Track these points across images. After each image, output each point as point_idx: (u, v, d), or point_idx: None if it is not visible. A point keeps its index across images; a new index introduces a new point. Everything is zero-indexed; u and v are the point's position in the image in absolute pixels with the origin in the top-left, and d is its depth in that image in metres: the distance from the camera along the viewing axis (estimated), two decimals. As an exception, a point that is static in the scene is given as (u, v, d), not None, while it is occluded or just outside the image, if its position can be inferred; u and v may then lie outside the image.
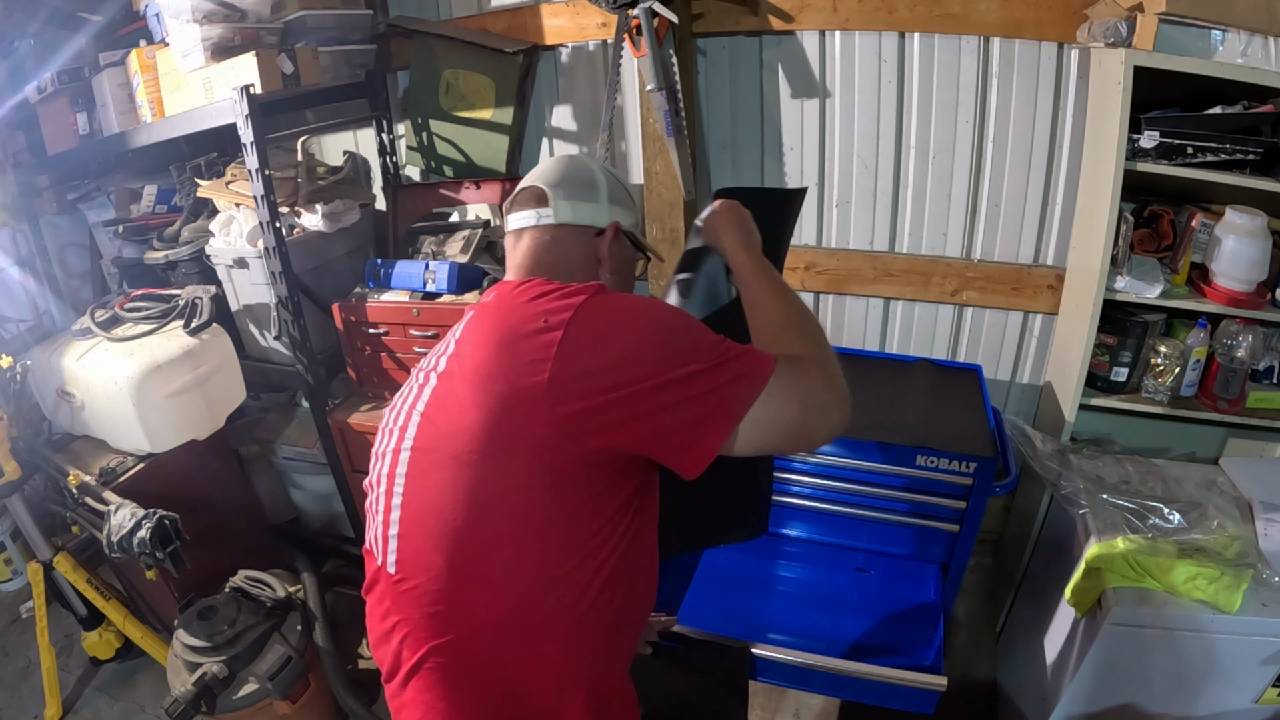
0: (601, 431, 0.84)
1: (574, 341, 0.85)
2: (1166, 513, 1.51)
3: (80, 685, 2.25)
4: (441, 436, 0.92)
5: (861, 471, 1.69)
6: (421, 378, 1.01)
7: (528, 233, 1.05)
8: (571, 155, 1.17)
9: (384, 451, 1.01)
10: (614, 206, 1.08)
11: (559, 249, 1.04)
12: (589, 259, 1.06)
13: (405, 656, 0.95)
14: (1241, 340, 1.72)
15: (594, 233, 1.06)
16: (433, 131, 2.50)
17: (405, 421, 0.99)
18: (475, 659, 0.92)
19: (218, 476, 2.26)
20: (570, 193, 1.05)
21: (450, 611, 0.91)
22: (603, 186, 1.08)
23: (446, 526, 0.90)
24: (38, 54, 2.25)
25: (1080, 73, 1.87)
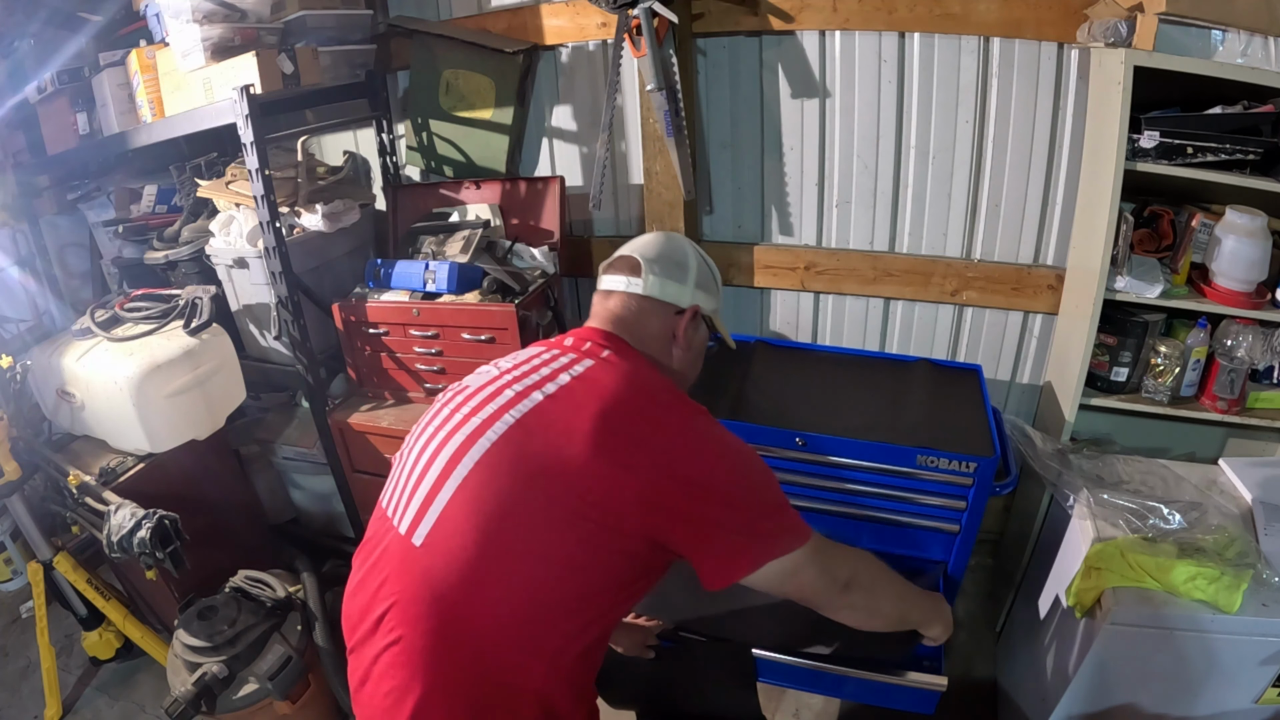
0: (668, 528, 0.97)
1: (681, 454, 0.98)
2: (1166, 513, 1.51)
3: (80, 685, 2.25)
4: (534, 454, 0.97)
5: (861, 471, 1.69)
6: (520, 388, 1.04)
7: (616, 296, 1.17)
8: (671, 235, 1.25)
9: (454, 428, 1.03)
10: (698, 290, 1.19)
11: (641, 318, 1.15)
12: (665, 333, 1.17)
13: (388, 626, 0.97)
14: (1241, 340, 1.72)
15: (674, 310, 1.17)
16: (433, 131, 2.50)
17: (494, 416, 1.01)
18: (465, 653, 0.94)
19: (218, 476, 2.26)
20: (662, 270, 1.16)
21: (457, 603, 0.94)
22: (692, 270, 1.19)
23: (493, 531, 0.94)
24: (38, 54, 2.25)
25: (1080, 73, 1.87)
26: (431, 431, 1.07)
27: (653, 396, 1.04)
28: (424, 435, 1.09)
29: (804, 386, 1.99)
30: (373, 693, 0.98)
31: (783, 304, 2.42)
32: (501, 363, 1.13)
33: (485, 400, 1.04)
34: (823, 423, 1.73)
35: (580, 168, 2.45)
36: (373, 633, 0.99)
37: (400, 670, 0.95)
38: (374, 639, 0.98)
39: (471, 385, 1.10)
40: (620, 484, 0.95)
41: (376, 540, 1.06)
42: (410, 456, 1.09)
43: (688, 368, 1.20)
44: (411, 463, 1.07)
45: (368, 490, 2.30)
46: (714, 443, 1.02)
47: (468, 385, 1.12)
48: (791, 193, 2.26)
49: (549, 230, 2.31)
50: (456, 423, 1.04)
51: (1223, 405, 1.78)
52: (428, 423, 1.11)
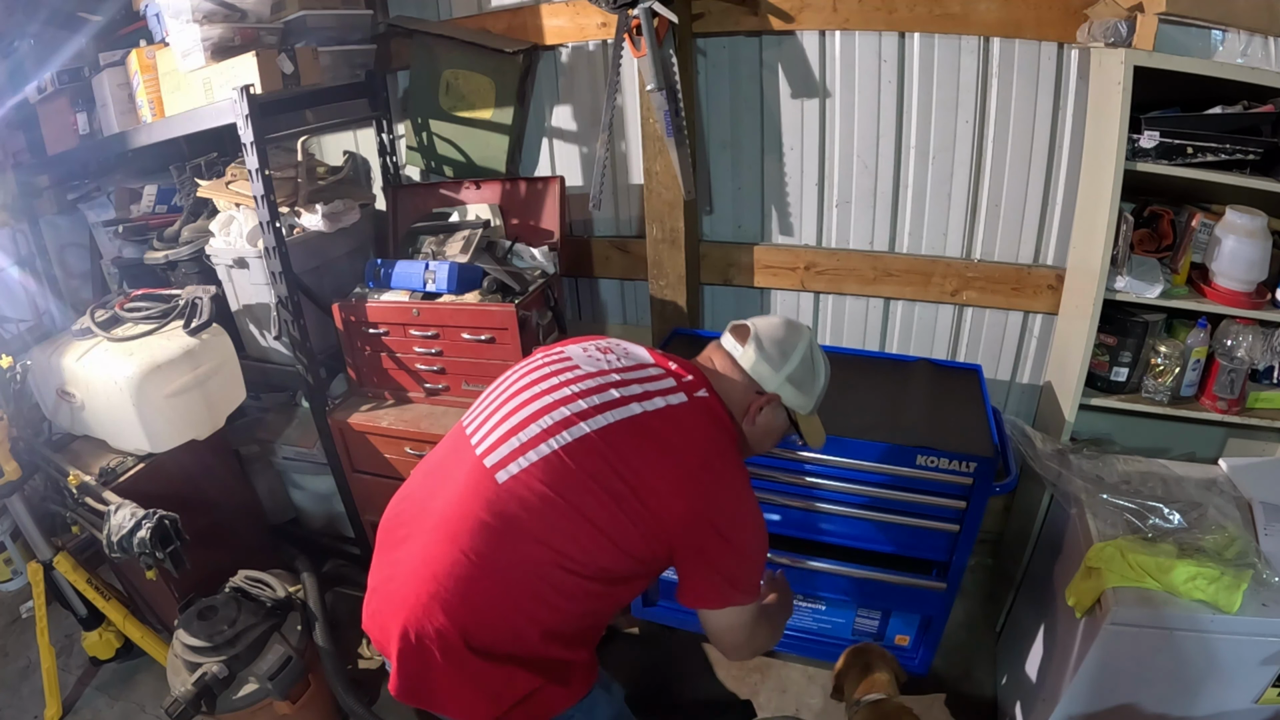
0: (684, 552, 1.16)
1: (725, 510, 1.17)
2: (1166, 513, 1.51)
3: (80, 685, 2.25)
4: (618, 463, 1.11)
5: (861, 471, 1.69)
6: (622, 394, 1.17)
7: (722, 353, 1.29)
8: (799, 327, 1.31)
9: (560, 400, 1.16)
10: (788, 383, 1.26)
11: (729, 382, 1.26)
12: (742, 404, 1.26)
13: (427, 525, 1.14)
14: (1241, 340, 1.72)
15: (756, 389, 1.25)
16: (433, 131, 2.50)
17: (597, 408, 1.14)
18: (492, 580, 1.08)
19: (218, 476, 2.26)
20: (760, 350, 1.25)
21: (496, 535, 1.08)
22: (792, 363, 1.26)
23: (561, 506, 1.09)
24: (38, 54, 2.25)
25: (1080, 73, 1.87)
26: (536, 390, 1.19)
27: (720, 455, 1.19)
28: (526, 386, 1.21)
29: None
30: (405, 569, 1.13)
31: (783, 304, 2.42)
32: (610, 357, 1.25)
33: (591, 390, 1.17)
34: (823, 422, 1.73)
35: (580, 168, 2.45)
36: (425, 528, 1.14)
37: (429, 565, 1.09)
38: (424, 532, 1.13)
39: (580, 366, 1.22)
40: (672, 508, 1.12)
41: (454, 450, 1.21)
42: (506, 396, 1.22)
43: (755, 442, 1.30)
44: (509, 406, 1.19)
45: (368, 490, 2.30)
46: (749, 511, 1.20)
47: (574, 362, 1.23)
48: (791, 193, 2.26)
49: (549, 230, 2.31)
50: (563, 396, 1.16)
51: (1223, 405, 1.78)
52: (529, 374, 1.24)
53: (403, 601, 1.10)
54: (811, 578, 1.89)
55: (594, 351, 1.26)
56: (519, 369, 1.28)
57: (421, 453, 2.14)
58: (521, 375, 1.25)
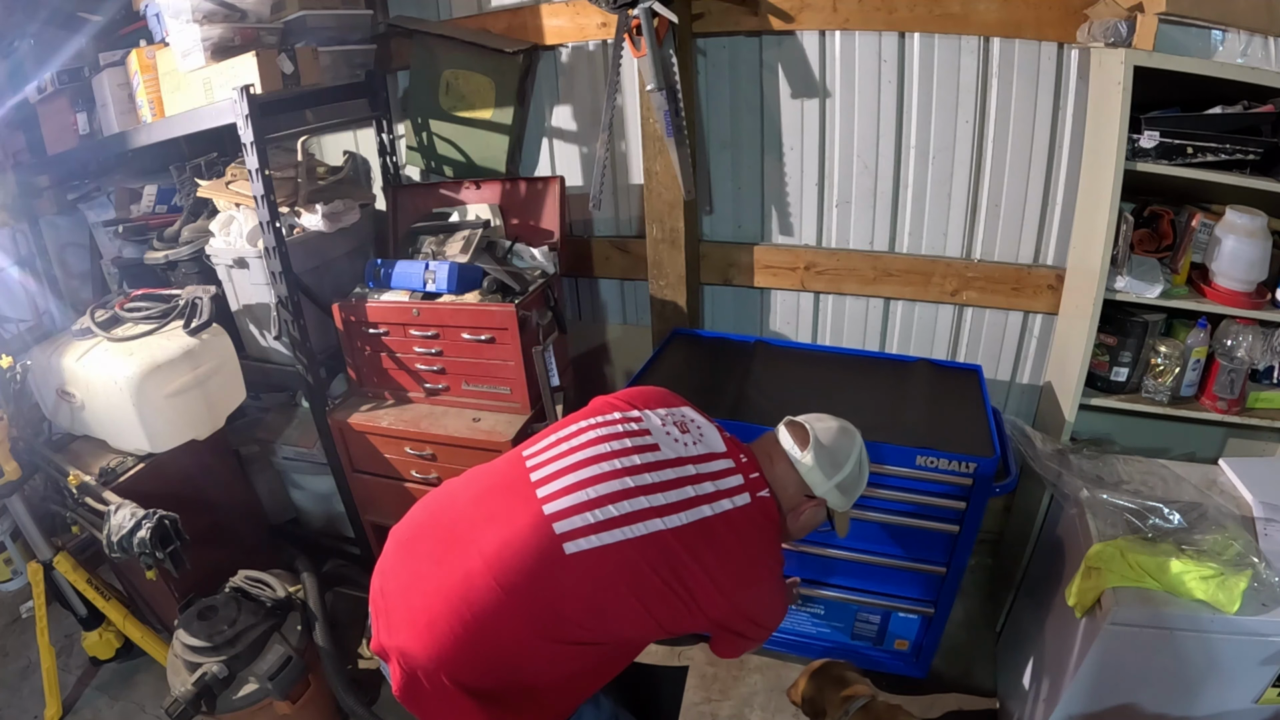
0: (717, 629, 1.31)
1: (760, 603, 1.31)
2: (1166, 513, 1.51)
3: (80, 685, 2.25)
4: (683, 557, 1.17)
5: (861, 471, 1.69)
6: (694, 494, 1.22)
7: (780, 453, 1.35)
8: (853, 434, 1.39)
9: (637, 488, 1.19)
10: (836, 490, 1.34)
11: (785, 482, 1.33)
12: (793, 503, 1.34)
13: (472, 552, 1.14)
14: (1241, 340, 1.72)
15: (807, 492, 1.34)
16: (433, 131, 2.50)
17: (669, 508, 1.19)
18: (514, 633, 1.10)
19: (218, 476, 2.26)
20: (819, 459, 1.32)
21: (546, 598, 1.11)
22: (845, 472, 1.34)
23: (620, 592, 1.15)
24: (38, 54, 2.25)
25: (1080, 73, 1.87)
26: (616, 465, 1.21)
27: (769, 556, 1.31)
28: (605, 456, 1.23)
29: (804, 386, 1.99)
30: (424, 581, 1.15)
31: (783, 304, 2.42)
32: (687, 439, 1.30)
33: (669, 484, 1.21)
34: (823, 423, 1.73)
35: (580, 168, 2.45)
36: (466, 554, 1.14)
37: (470, 599, 1.11)
38: (464, 559, 1.14)
39: (660, 447, 1.26)
40: (719, 605, 1.22)
41: (514, 489, 1.22)
42: (582, 459, 1.23)
43: (797, 530, 1.39)
44: (586, 473, 1.20)
45: (368, 490, 2.30)
46: (780, 598, 1.37)
47: (653, 439, 1.27)
48: (791, 193, 2.26)
49: (549, 230, 2.31)
50: (644, 485, 1.20)
51: (1223, 405, 1.78)
52: (608, 438, 1.26)
53: (426, 622, 1.11)
54: (817, 563, 1.88)
55: (673, 429, 1.30)
56: (595, 422, 1.30)
57: (422, 453, 2.14)
58: (599, 437, 1.26)
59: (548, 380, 2.03)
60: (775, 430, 1.40)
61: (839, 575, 1.89)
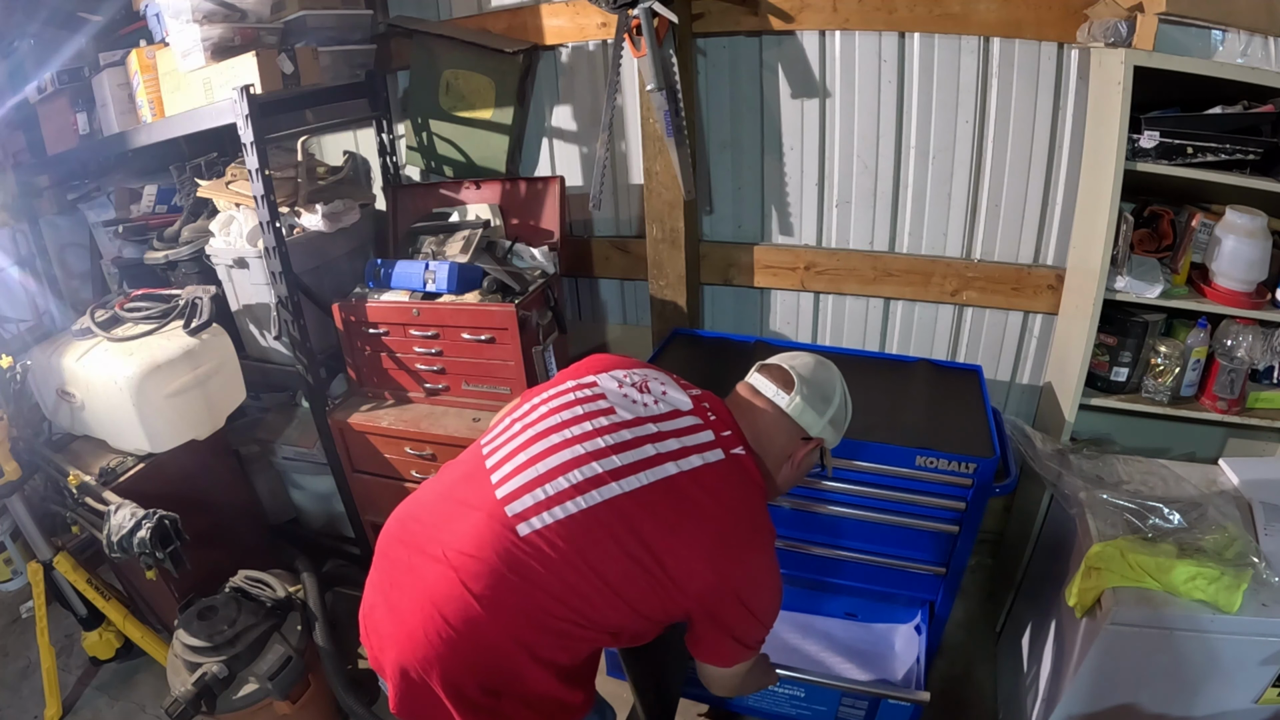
0: (702, 618, 1.16)
1: (749, 580, 1.15)
2: (1166, 513, 1.51)
3: (80, 685, 2.25)
4: (648, 535, 1.08)
5: (860, 472, 1.69)
6: (659, 450, 1.13)
7: (763, 400, 1.25)
8: (829, 364, 1.30)
9: (593, 453, 1.11)
10: (829, 426, 1.26)
11: (774, 431, 1.24)
12: (786, 451, 1.25)
13: (435, 553, 1.09)
14: (1241, 340, 1.72)
15: (802, 435, 1.24)
16: (433, 131, 2.50)
17: (631, 467, 1.10)
18: (491, 629, 1.05)
19: (218, 476, 2.26)
20: (808, 395, 1.23)
21: (509, 586, 1.05)
22: (834, 406, 1.26)
23: (583, 569, 1.07)
24: (38, 54, 2.25)
25: (1080, 73, 1.87)
26: (567, 434, 1.14)
27: (751, 519, 1.17)
28: (556, 427, 1.15)
29: (804, 386, 1.99)
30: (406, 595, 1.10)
31: (783, 304, 2.42)
32: (647, 399, 1.21)
33: (626, 445, 1.13)
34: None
35: (580, 168, 2.45)
36: (433, 556, 1.09)
37: (438, 600, 1.06)
38: (431, 561, 1.09)
39: (616, 409, 1.17)
40: (697, 577, 1.10)
41: (471, 480, 1.16)
42: (533, 435, 1.16)
43: (787, 482, 1.30)
44: (536, 449, 1.14)
45: (368, 490, 2.30)
46: (771, 575, 1.20)
47: (609, 402, 1.19)
48: (791, 193, 2.26)
49: (549, 230, 2.31)
50: (596, 449, 1.12)
51: (1223, 405, 1.78)
52: (559, 409, 1.18)
53: (407, 632, 1.08)
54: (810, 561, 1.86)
55: (630, 389, 1.21)
56: (546, 396, 1.23)
57: (422, 453, 2.14)
58: (550, 410, 1.19)
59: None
60: (747, 380, 1.29)
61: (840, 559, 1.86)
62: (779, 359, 1.29)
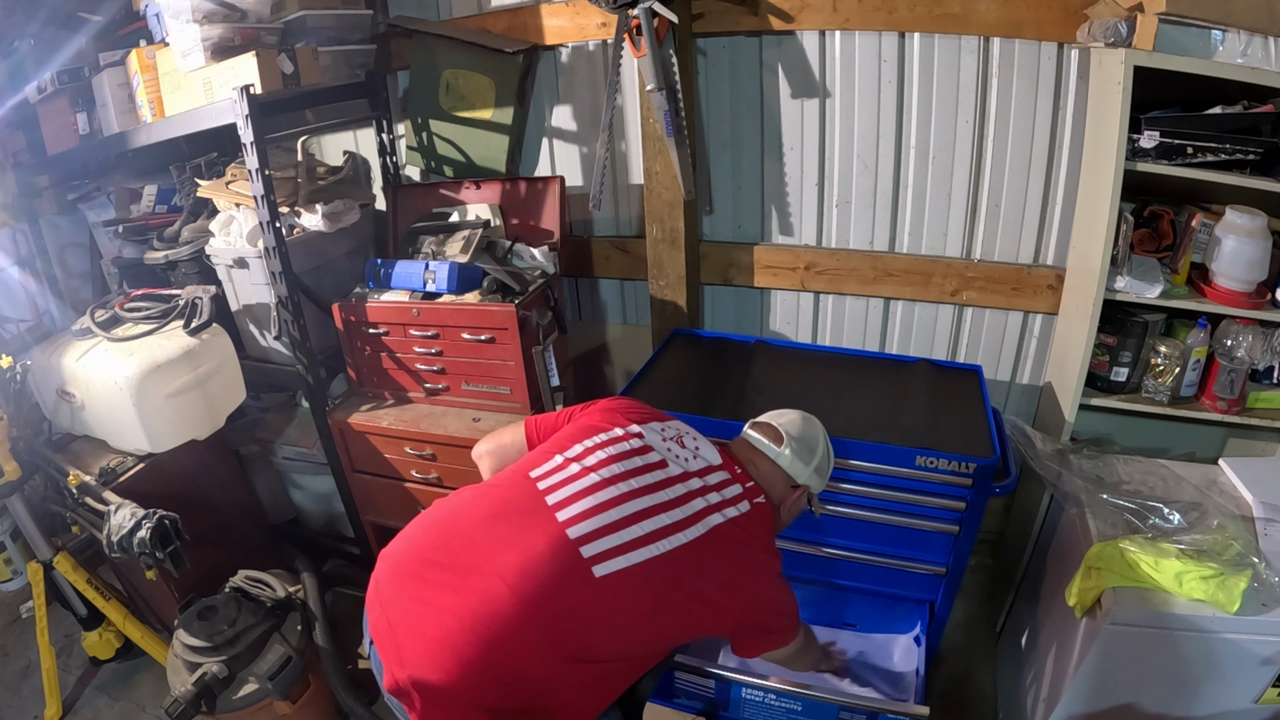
0: (735, 635, 1.36)
1: (768, 598, 1.34)
2: (1166, 513, 1.51)
3: (80, 685, 2.25)
4: (701, 567, 1.23)
5: (860, 472, 1.69)
6: (702, 505, 1.28)
7: (762, 455, 1.42)
8: (813, 420, 1.48)
9: (651, 509, 1.23)
10: (814, 474, 1.43)
11: (770, 479, 1.40)
12: (778, 497, 1.41)
13: (493, 577, 1.12)
14: (1241, 340, 1.72)
15: (791, 483, 1.42)
16: (433, 131, 2.50)
17: (681, 524, 1.23)
18: (545, 662, 1.11)
19: (218, 476, 2.26)
20: (796, 450, 1.41)
21: (580, 624, 1.13)
22: (818, 457, 1.43)
23: (648, 601, 1.18)
24: (38, 54, 2.25)
25: (1080, 73, 1.87)
26: (635, 484, 1.25)
27: (771, 553, 1.36)
28: (621, 477, 1.26)
29: (804, 386, 1.99)
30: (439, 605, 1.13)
31: (783, 304, 2.42)
32: (686, 454, 1.35)
33: (683, 499, 1.26)
34: (823, 422, 1.73)
35: (580, 168, 2.45)
36: (480, 570, 1.13)
37: (495, 626, 1.09)
38: (479, 581, 1.12)
39: (667, 464, 1.31)
40: (732, 609, 1.28)
41: (527, 509, 1.21)
42: (599, 480, 1.25)
43: (783, 524, 1.46)
44: (606, 494, 1.23)
45: (368, 490, 2.30)
46: (783, 585, 1.37)
47: (658, 456, 1.32)
48: (791, 193, 2.26)
49: (549, 230, 2.31)
50: (662, 502, 1.24)
51: (1223, 405, 1.78)
52: (619, 457, 1.29)
53: (446, 648, 1.07)
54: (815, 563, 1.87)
55: (673, 445, 1.35)
56: (601, 441, 1.32)
57: (422, 453, 2.14)
58: (609, 457, 1.28)
59: (548, 380, 2.03)
60: (744, 435, 1.46)
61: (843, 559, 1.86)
62: (768, 417, 1.47)
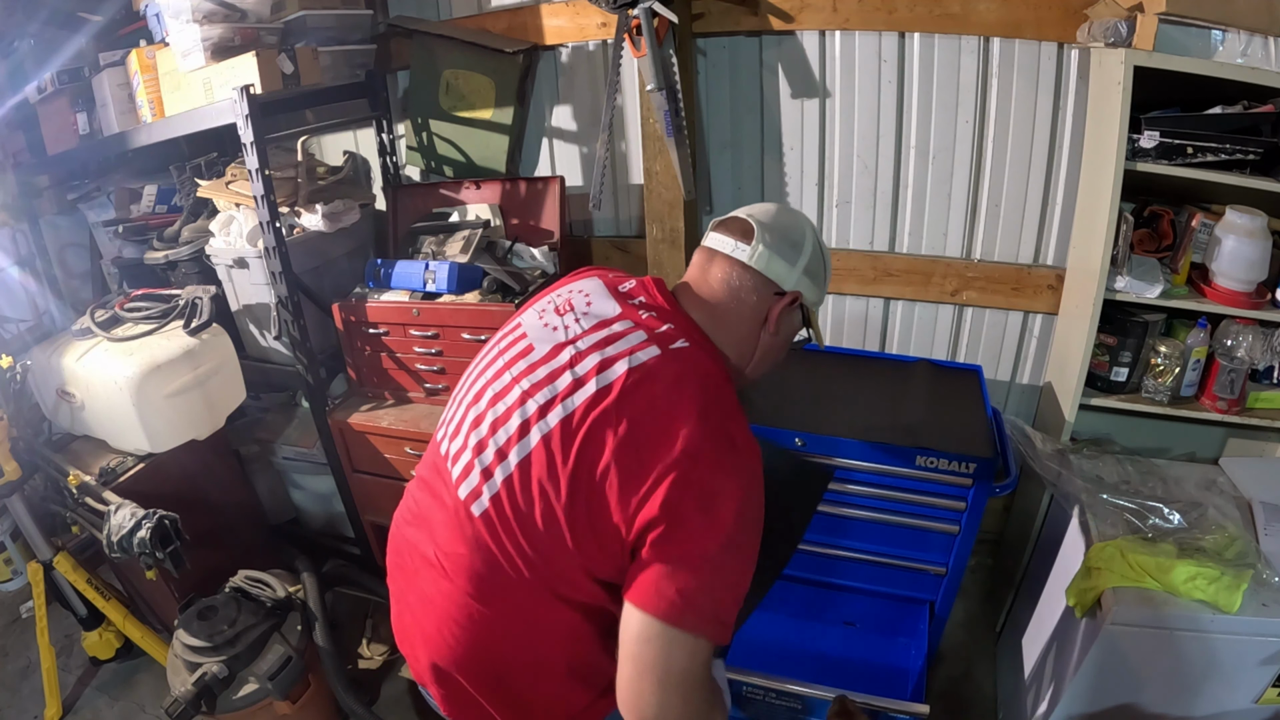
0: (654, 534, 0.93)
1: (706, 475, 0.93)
2: (1166, 513, 1.51)
3: (80, 685, 2.25)
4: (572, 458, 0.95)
5: (860, 472, 1.69)
6: (582, 371, 0.99)
7: (720, 261, 1.10)
8: (794, 210, 1.17)
9: (511, 405, 1.02)
10: (804, 277, 1.11)
11: (738, 296, 1.09)
12: (759, 313, 1.10)
13: (428, 555, 1.06)
14: (1241, 340, 1.72)
15: (774, 290, 1.10)
16: (433, 131, 2.50)
17: (544, 408, 0.99)
18: (496, 622, 1.02)
19: (218, 476, 2.26)
20: (773, 242, 1.08)
21: (486, 573, 1.00)
22: (805, 253, 1.11)
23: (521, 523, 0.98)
24: (38, 54, 2.25)
25: (1080, 73, 1.87)
26: (491, 393, 1.06)
27: (704, 395, 0.98)
28: (484, 389, 1.08)
29: (804, 386, 1.99)
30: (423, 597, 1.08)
31: (783, 304, 2.42)
32: (569, 319, 1.07)
33: (541, 382, 1.01)
34: (822, 423, 1.73)
35: (580, 168, 2.45)
36: (429, 561, 1.07)
37: (440, 602, 1.05)
38: (428, 566, 1.07)
39: (535, 346, 1.06)
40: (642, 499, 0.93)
41: (435, 471, 1.11)
42: (468, 403, 1.09)
43: (768, 357, 1.14)
44: (470, 417, 1.07)
45: (368, 490, 2.30)
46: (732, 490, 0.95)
47: (529, 341, 1.07)
48: (791, 193, 2.26)
49: (549, 230, 2.31)
50: (515, 400, 1.02)
51: (1223, 405, 1.78)
52: (487, 367, 1.11)
53: (425, 637, 1.08)
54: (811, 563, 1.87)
55: (550, 315, 1.10)
56: (481, 357, 1.15)
57: (421, 453, 2.14)
58: (479, 374, 1.12)
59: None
60: (703, 242, 1.14)
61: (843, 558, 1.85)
62: (736, 211, 1.13)
